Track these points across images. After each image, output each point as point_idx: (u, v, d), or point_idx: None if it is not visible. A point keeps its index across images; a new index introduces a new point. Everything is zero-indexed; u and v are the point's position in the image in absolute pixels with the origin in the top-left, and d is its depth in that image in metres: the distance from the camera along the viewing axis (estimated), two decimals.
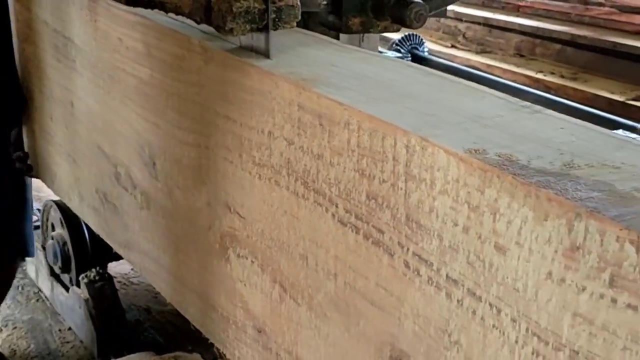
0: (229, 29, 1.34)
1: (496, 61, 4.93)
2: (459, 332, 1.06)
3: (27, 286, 3.07)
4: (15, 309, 2.91)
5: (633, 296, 0.84)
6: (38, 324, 2.84)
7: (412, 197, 1.09)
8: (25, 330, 2.80)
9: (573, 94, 4.19)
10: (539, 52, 4.99)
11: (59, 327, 2.80)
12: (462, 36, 5.49)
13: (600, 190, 0.92)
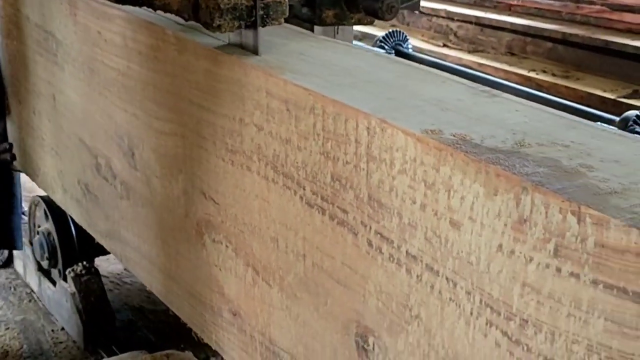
0: (217, 25, 1.34)
1: (488, 60, 4.95)
2: (419, 306, 1.10)
3: (19, 287, 3.08)
4: (7, 310, 2.91)
5: (575, 265, 0.88)
6: (30, 324, 2.85)
7: (373, 177, 1.13)
8: (18, 331, 2.80)
9: (565, 92, 4.21)
10: (531, 51, 5.01)
11: (51, 328, 2.81)
12: (453, 35, 5.52)
13: (546, 166, 0.96)
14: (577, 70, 4.58)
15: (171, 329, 2.71)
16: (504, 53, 5.10)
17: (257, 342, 1.47)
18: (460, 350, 1.05)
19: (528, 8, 5.30)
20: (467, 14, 5.40)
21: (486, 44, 5.25)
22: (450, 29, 5.54)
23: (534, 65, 4.76)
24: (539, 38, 4.93)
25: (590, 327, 0.88)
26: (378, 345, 1.19)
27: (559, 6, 5.13)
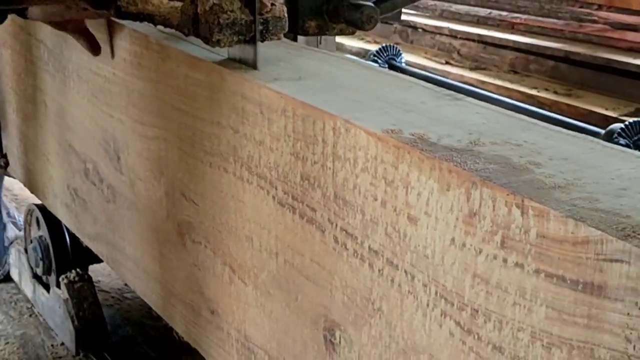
0: (216, 40, 1.35)
1: (490, 77, 4.99)
2: (381, 300, 1.15)
3: (20, 301, 3.10)
4: (7, 324, 2.93)
5: (520, 255, 0.93)
6: (30, 339, 2.86)
7: (338, 175, 1.18)
8: (18, 346, 2.81)
9: (567, 109, 4.24)
10: (533, 69, 5.05)
11: (51, 343, 2.83)
12: (456, 53, 5.57)
13: (497, 163, 1.01)
14: (579, 89, 4.62)
15: (171, 344, 2.73)
16: (506, 71, 5.14)
17: (234, 339, 1.52)
18: (418, 341, 1.10)
19: (531, 26, 5.35)
20: (470, 32, 5.45)
21: (489, 61, 5.29)
22: (454, 46, 5.59)
23: (536, 83, 4.80)
24: (541, 56, 4.97)
25: (534, 315, 0.93)
26: (344, 338, 1.24)
27: (562, 25, 5.17)
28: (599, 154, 1.06)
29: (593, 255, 0.85)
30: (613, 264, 0.83)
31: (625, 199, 0.92)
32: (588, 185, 0.95)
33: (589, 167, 1.01)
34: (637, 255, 0.81)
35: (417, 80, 1.35)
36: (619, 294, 0.83)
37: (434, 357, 1.07)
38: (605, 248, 0.84)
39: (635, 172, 1.00)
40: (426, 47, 5.77)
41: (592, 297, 0.86)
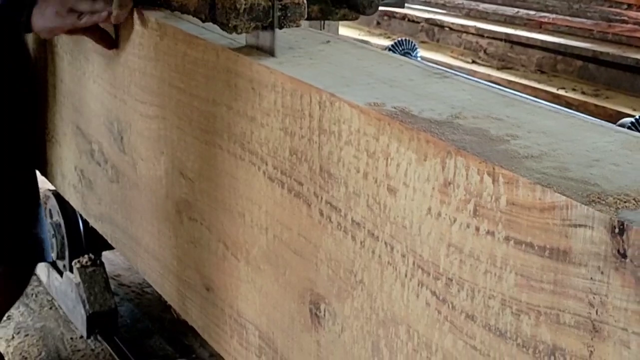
0: (233, 26, 1.33)
1: (517, 77, 4.96)
2: (362, 271, 1.16)
3: (40, 294, 3.12)
4: (28, 317, 2.95)
5: (491, 223, 0.94)
6: (50, 331, 2.88)
7: (324, 149, 1.19)
8: (37, 338, 2.83)
9: (594, 110, 4.21)
10: (561, 69, 5.02)
11: (70, 336, 2.85)
12: (483, 52, 5.55)
13: (474, 134, 1.02)
14: (607, 89, 4.59)
15: (188, 340, 2.77)
16: (533, 71, 5.11)
17: (227, 315, 1.54)
18: (397, 312, 1.11)
19: (559, 26, 5.32)
20: (497, 30, 5.42)
21: (516, 61, 5.27)
22: (480, 45, 5.57)
23: (563, 83, 4.77)
24: (569, 56, 4.93)
25: (504, 282, 0.93)
26: (328, 311, 1.25)
27: (591, 24, 5.13)
28: (578, 128, 1.06)
29: (559, 221, 0.86)
30: (577, 229, 0.84)
31: (596, 169, 0.93)
32: (561, 156, 0.96)
33: (565, 140, 1.02)
34: (599, 220, 0.82)
35: (410, 60, 1.36)
36: (582, 259, 0.84)
37: (412, 328, 1.09)
38: (571, 213, 0.85)
39: (611, 145, 1.00)
40: (452, 45, 5.76)
41: (558, 262, 0.87)
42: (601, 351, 0.83)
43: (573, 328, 0.86)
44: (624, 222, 0.79)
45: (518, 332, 0.93)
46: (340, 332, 1.23)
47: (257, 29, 1.35)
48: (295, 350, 1.35)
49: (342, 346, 1.23)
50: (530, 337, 0.91)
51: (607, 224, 0.81)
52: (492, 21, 5.71)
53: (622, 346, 0.81)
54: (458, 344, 1.01)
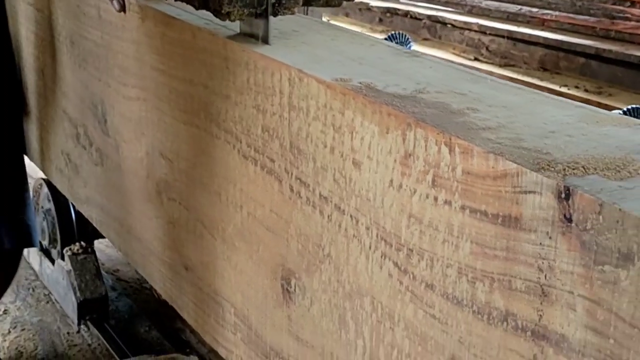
0: (226, 13, 1.29)
1: (519, 74, 4.97)
2: (330, 245, 1.18)
3: (37, 288, 3.11)
4: (24, 311, 2.94)
5: (448, 193, 0.96)
6: (46, 326, 2.86)
7: (293, 125, 1.21)
8: (34, 332, 2.81)
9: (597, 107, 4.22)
10: (563, 66, 5.02)
11: (67, 330, 2.83)
12: (485, 49, 5.56)
13: (435, 108, 1.04)
14: (609, 87, 4.59)
15: (185, 335, 2.76)
16: (536, 68, 5.12)
17: (205, 294, 1.56)
18: (362, 284, 1.13)
19: (562, 23, 5.32)
20: (499, 28, 5.43)
21: (518, 58, 5.27)
22: (482, 42, 5.58)
23: (566, 80, 4.78)
24: (572, 53, 4.93)
25: (460, 251, 0.95)
26: (298, 286, 1.27)
27: (594, 22, 5.14)
28: (538, 103, 1.08)
29: (510, 188, 0.88)
30: (527, 195, 0.86)
31: (550, 139, 0.94)
32: (518, 128, 0.98)
33: (524, 113, 1.04)
34: (547, 186, 0.84)
35: (382, 41, 1.38)
36: (532, 225, 0.86)
37: (376, 299, 1.10)
38: (521, 180, 0.87)
39: (568, 119, 1.02)
40: (455, 42, 5.77)
41: (510, 229, 0.89)
42: (549, 315, 0.85)
43: (524, 293, 0.88)
44: (570, 187, 0.81)
45: (473, 300, 0.94)
46: (309, 306, 1.25)
47: (250, 16, 1.33)
48: (268, 326, 1.37)
49: (311, 320, 1.25)
50: (485, 304, 0.93)
51: (554, 190, 0.83)
52: (495, 18, 5.72)
53: (568, 309, 0.83)
54: (418, 313, 1.03)
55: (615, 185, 0.82)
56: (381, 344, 1.11)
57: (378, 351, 1.12)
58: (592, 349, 0.81)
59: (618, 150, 0.91)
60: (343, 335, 1.18)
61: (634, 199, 0.79)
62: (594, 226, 0.79)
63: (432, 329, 1.01)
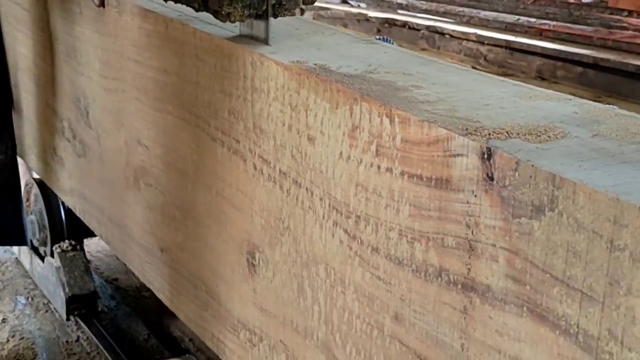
0: (226, 13, 1.30)
1: None
2: (289, 218, 1.26)
3: (36, 297, 3.11)
4: (23, 319, 2.93)
5: (389, 160, 1.04)
6: (45, 335, 2.84)
7: (256, 106, 1.29)
8: (32, 341, 2.79)
9: None
10: (561, 75, 5.08)
11: (66, 339, 2.82)
12: (483, 59, 5.63)
13: (381, 85, 1.12)
14: (607, 96, 4.65)
15: (185, 343, 2.76)
16: (533, 77, 5.18)
17: (179, 274, 1.64)
18: (317, 253, 1.20)
19: (559, 33, 5.39)
20: (497, 37, 5.50)
21: (516, 67, 5.34)
22: (480, 52, 5.65)
23: (563, 89, 4.81)
24: (569, 63, 4.99)
25: (400, 214, 1.03)
26: (262, 259, 1.35)
27: (591, 31, 5.21)
28: (479, 83, 1.16)
29: (442, 152, 0.96)
30: (456, 158, 0.94)
31: (483, 111, 1.02)
32: (455, 102, 1.06)
33: (464, 90, 1.12)
34: (472, 148, 0.91)
35: (342, 30, 1.46)
36: (460, 185, 0.94)
37: (329, 266, 1.18)
38: (450, 145, 0.94)
39: (504, 94, 1.10)
40: (453, 52, 5.84)
41: (442, 191, 0.96)
42: (476, 267, 0.93)
43: (454, 249, 0.96)
44: (491, 148, 0.89)
45: (412, 259, 1.02)
46: (272, 278, 1.33)
47: (251, 17, 1.33)
48: (235, 300, 1.44)
49: (273, 291, 1.33)
50: (422, 262, 1.01)
51: (479, 151, 0.91)
52: (493, 28, 5.79)
53: (492, 261, 0.91)
54: (366, 276, 1.11)
55: (533, 147, 0.90)
56: (334, 308, 1.18)
57: (332, 315, 1.19)
58: (512, 296, 0.89)
59: (544, 119, 0.99)
60: (301, 303, 1.26)
61: (548, 157, 0.87)
62: (512, 182, 0.87)
63: (378, 289, 1.09)
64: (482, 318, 0.93)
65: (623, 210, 0.76)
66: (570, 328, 0.83)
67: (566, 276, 0.83)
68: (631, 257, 0.76)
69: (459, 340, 0.97)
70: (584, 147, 0.91)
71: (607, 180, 0.81)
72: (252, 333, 1.41)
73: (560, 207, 0.82)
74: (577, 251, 0.81)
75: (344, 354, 1.18)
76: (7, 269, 3.27)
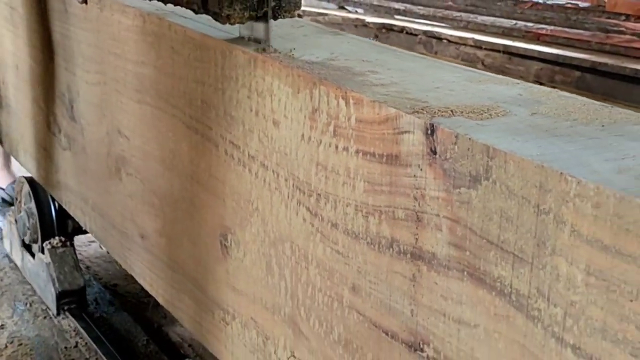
0: (226, 15, 1.30)
1: None
2: (257, 200, 1.33)
3: (35, 303, 3.12)
4: (22, 326, 2.92)
5: (345, 140, 1.10)
6: (44, 341, 2.82)
7: (226, 94, 1.36)
8: (31, 347, 2.77)
9: None
10: (559, 80, 5.13)
11: (64, 345, 2.80)
12: (481, 63, 5.68)
13: (340, 70, 1.19)
14: (605, 100, 4.70)
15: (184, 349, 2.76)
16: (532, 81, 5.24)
17: (159, 259, 1.70)
18: (283, 231, 1.27)
19: (557, 37, 5.44)
20: (495, 42, 5.55)
21: (514, 72, 5.39)
22: (478, 57, 5.71)
23: None
24: (567, 67, 5.05)
25: (356, 190, 1.10)
26: (234, 240, 1.41)
27: (589, 36, 5.26)
28: (434, 69, 1.23)
29: (391, 130, 1.02)
30: (404, 135, 1.01)
31: (433, 93, 1.09)
32: (408, 85, 1.13)
33: (417, 75, 1.18)
34: (418, 125, 0.98)
35: (311, 23, 1.53)
36: (408, 160, 1.00)
37: (294, 243, 1.25)
38: (399, 122, 1.01)
39: (455, 79, 1.17)
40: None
41: (392, 166, 1.03)
42: (423, 236, 1.00)
43: (404, 221, 1.02)
44: (434, 124, 0.96)
45: (367, 232, 1.09)
46: (242, 258, 1.39)
47: (251, 19, 1.33)
48: (210, 281, 1.51)
49: (244, 270, 1.39)
50: (376, 235, 1.07)
51: (423, 128, 0.97)
52: (490, 33, 5.84)
53: (436, 230, 0.98)
54: (327, 251, 1.18)
55: (473, 124, 0.97)
56: (299, 283, 1.25)
57: (297, 290, 1.26)
58: (454, 262, 0.96)
59: (488, 100, 1.06)
60: (269, 280, 1.32)
61: (485, 132, 0.93)
62: (452, 155, 0.94)
63: (337, 263, 1.16)
64: (428, 284, 1.00)
65: (547, 177, 0.83)
66: (505, 289, 0.90)
67: (500, 240, 0.89)
68: (555, 219, 0.83)
69: (409, 306, 1.04)
70: (522, 123, 0.97)
71: (536, 150, 0.87)
72: (225, 312, 1.47)
73: (494, 176, 0.89)
74: (509, 216, 0.88)
75: (308, 327, 1.25)
76: (6, 275, 3.30)
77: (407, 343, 1.05)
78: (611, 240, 0.77)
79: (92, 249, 3.39)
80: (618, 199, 0.77)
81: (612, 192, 0.77)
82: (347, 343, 1.16)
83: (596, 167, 0.83)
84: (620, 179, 0.80)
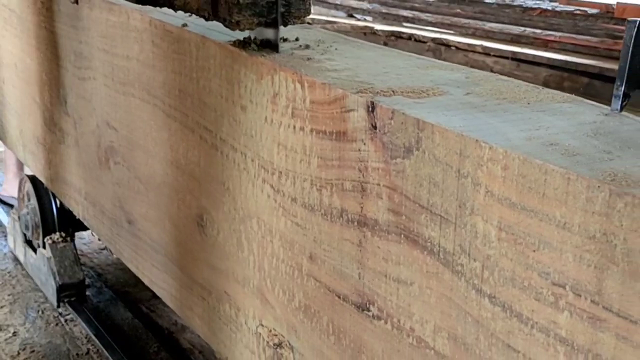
0: (236, 21, 1.31)
1: None
2: (228, 180, 1.43)
3: (47, 310, 3.16)
4: (34, 333, 2.94)
5: (302, 120, 1.21)
6: (56, 348, 2.84)
7: (199, 83, 1.47)
8: (43, 354, 2.79)
9: None
10: (567, 86, 5.20)
11: (76, 352, 2.80)
12: (489, 70, 5.77)
13: (300, 58, 1.29)
14: None
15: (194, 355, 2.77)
16: None
17: (144, 242, 1.80)
18: (251, 208, 1.37)
19: (565, 44, 5.51)
20: (503, 49, 5.63)
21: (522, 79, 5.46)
22: (487, 64, 5.78)
23: None
24: (575, 73, 5.11)
25: (311, 166, 1.20)
26: (208, 220, 1.52)
27: (596, 42, 5.33)
28: (388, 57, 1.33)
29: (339, 109, 1.13)
30: (350, 113, 1.11)
31: (381, 77, 1.19)
32: (359, 70, 1.23)
33: (371, 62, 1.29)
34: (361, 103, 1.08)
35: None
36: (353, 136, 1.11)
37: (261, 219, 1.35)
38: (346, 102, 1.11)
39: (405, 65, 1.27)
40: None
41: (340, 142, 1.13)
42: (367, 205, 1.10)
43: (351, 192, 1.12)
44: (375, 102, 1.06)
45: (321, 204, 1.19)
46: (216, 236, 1.49)
47: (260, 25, 1.34)
48: (189, 260, 1.61)
49: (218, 247, 1.49)
50: (328, 206, 1.18)
51: (365, 105, 1.08)
52: (499, 40, 5.91)
53: (378, 198, 1.08)
54: (288, 224, 1.28)
55: (411, 102, 1.07)
56: (265, 256, 1.35)
57: (264, 262, 1.36)
58: (393, 227, 1.06)
59: (431, 83, 1.16)
60: (240, 255, 1.43)
61: (419, 108, 1.03)
62: (389, 129, 1.04)
63: (297, 234, 1.26)
64: (372, 249, 1.10)
65: (466, 144, 0.93)
66: (434, 248, 1.00)
67: (429, 204, 0.99)
68: (472, 182, 0.93)
69: (357, 270, 1.14)
70: (455, 101, 1.08)
71: (460, 123, 0.98)
72: (202, 288, 1.58)
73: (424, 146, 0.99)
74: (436, 182, 0.98)
75: (273, 296, 1.35)
76: (18, 282, 3.37)
77: (356, 304, 1.15)
78: (517, 197, 0.88)
79: (103, 256, 3.46)
80: (522, 161, 0.87)
81: (517, 155, 0.87)
82: (307, 308, 1.26)
83: (510, 136, 0.93)
84: (528, 144, 0.90)
